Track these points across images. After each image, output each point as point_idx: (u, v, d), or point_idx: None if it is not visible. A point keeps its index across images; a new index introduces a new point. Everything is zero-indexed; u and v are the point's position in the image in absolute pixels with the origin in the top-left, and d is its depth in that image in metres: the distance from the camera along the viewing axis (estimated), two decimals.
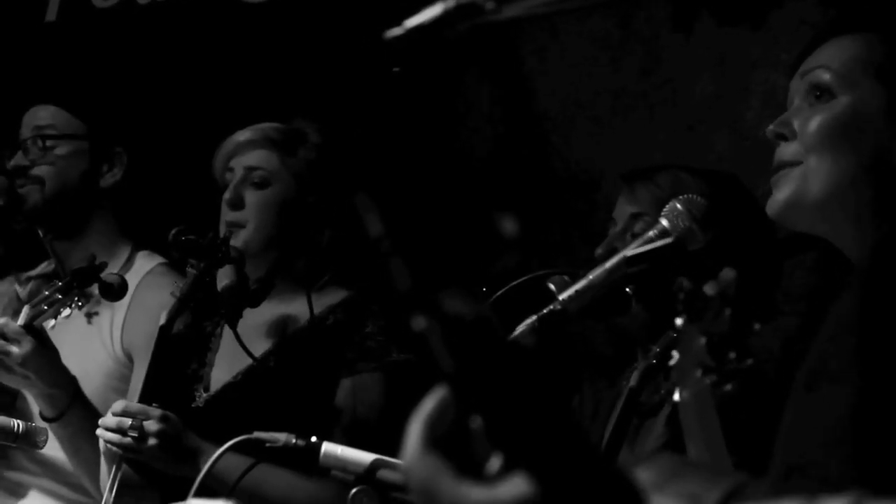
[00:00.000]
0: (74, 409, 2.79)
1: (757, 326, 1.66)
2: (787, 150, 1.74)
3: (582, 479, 0.94)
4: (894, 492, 0.94)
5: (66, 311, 2.87)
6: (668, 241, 1.99)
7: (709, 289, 1.71)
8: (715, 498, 1.06)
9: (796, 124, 1.74)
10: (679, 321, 1.74)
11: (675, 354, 1.76)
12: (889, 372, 1.10)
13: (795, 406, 1.27)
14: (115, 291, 2.82)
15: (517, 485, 0.94)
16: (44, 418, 2.83)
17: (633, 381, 2.10)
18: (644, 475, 1.06)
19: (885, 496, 0.94)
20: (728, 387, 1.69)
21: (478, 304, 0.95)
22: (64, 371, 2.80)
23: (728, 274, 1.71)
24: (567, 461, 0.94)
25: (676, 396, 1.76)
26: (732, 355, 1.68)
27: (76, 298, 2.85)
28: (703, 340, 1.70)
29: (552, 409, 0.95)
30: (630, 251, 1.99)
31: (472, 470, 0.97)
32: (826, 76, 1.73)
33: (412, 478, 0.99)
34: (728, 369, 1.69)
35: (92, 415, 2.75)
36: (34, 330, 2.74)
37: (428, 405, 1.01)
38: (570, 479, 0.93)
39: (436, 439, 0.99)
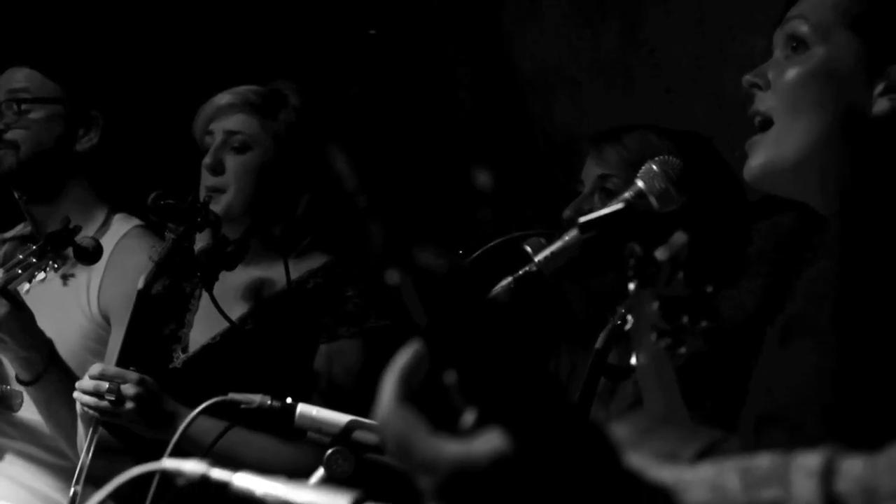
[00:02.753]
0: (51, 371, 2.78)
1: (710, 289, 1.66)
2: (761, 101, 1.72)
3: (557, 434, 0.93)
4: (867, 447, 0.94)
5: (41, 275, 2.85)
6: (619, 206, 1.97)
7: (660, 253, 1.70)
8: (690, 454, 1.06)
9: (771, 75, 1.72)
10: (631, 286, 1.73)
11: (630, 319, 1.75)
12: (865, 327, 1.09)
13: (769, 360, 1.27)
14: (89, 255, 2.80)
15: (491, 439, 0.94)
16: (20, 381, 2.82)
17: (598, 343, 2.10)
18: (619, 432, 1.05)
19: (857, 451, 0.93)
20: (683, 349, 1.68)
21: (453, 258, 0.94)
22: (39, 334, 2.78)
23: (679, 237, 1.71)
24: (541, 416, 0.93)
25: (633, 360, 1.76)
26: (686, 318, 1.67)
27: (51, 262, 2.83)
28: (655, 304, 1.70)
29: (527, 363, 0.94)
30: (582, 218, 1.98)
31: (446, 425, 0.96)
32: (802, 27, 1.70)
33: (386, 432, 0.98)
34: (682, 332, 1.68)
35: (68, 377, 2.74)
36: (8, 293, 2.72)
37: (402, 359, 1.00)
38: (545, 433, 0.93)
39: (410, 394, 0.99)
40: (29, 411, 2.89)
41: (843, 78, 1.67)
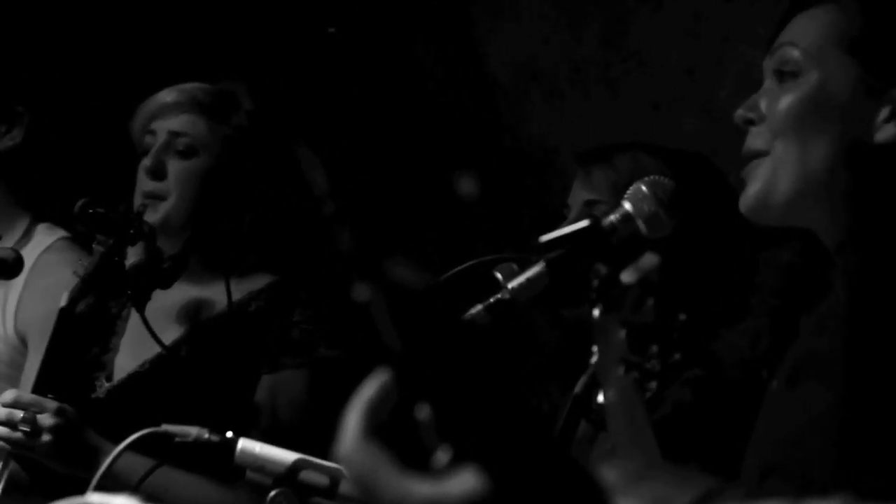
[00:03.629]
0: None
1: (683, 317, 1.66)
2: (755, 137, 1.75)
3: (540, 477, 0.92)
4: (881, 496, 0.94)
5: None
6: (585, 223, 1.97)
7: (626, 275, 1.70)
8: (685, 502, 1.06)
9: (763, 107, 1.75)
10: (596, 312, 1.72)
11: (595, 350, 1.75)
12: (881, 366, 1.10)
13: (774, 404, 1.27)
14: (8, 268, 2.77)
15: (466, 480, 0.93)
16: None
17: (577, 388, 2.09)
18: (608, 476, 1.05)
19: (872, 500, 0.94)
20: (653, 384, 1.67)
21: (429, 275, 0.93)
22: None
23: (649, 259, 1.70)
24: (523, 456, 0.93)
25: (600, 398, 1.76)
26: (655, 349, 1.67)
27: None
28: (623, 333, 1.69)
29: (509, 397, 0.94)
30: (544, 236, 1.97)
31: (416, 463, 0.96)
32: (794, 53, 1.73)
33: (351, 470, 0.98)
34: (652, 365, 1.68)
35: None
36: None
37: (368, 390, 1.00)
38: (527, 475, 0.92)
39: (377, 428, 0.98)
40: None
41: (841, 103, 1.70)
